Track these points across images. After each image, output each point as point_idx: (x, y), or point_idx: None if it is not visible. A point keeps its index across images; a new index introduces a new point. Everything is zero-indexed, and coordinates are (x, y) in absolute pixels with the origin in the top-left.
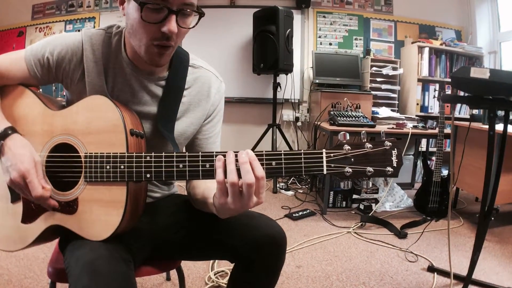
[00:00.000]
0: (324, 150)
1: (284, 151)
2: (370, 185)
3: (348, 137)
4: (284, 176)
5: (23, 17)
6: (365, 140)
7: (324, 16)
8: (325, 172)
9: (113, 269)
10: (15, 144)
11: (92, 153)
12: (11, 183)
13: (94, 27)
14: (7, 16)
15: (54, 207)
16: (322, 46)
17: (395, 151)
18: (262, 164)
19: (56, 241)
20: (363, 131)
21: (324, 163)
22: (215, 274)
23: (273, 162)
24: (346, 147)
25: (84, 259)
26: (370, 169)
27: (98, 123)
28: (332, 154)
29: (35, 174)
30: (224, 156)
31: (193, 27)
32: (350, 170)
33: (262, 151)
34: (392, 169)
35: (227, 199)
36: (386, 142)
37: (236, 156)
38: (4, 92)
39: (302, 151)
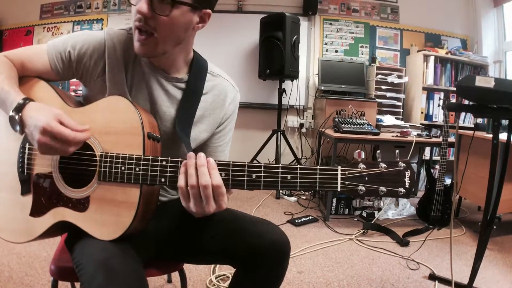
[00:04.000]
0: (339, 168)
1: (300, 165)
2: (381, 204)
3: (363, 156)
4: (298, 190)
5: (32, 17)
6: (379, 159)
7: (330, 23)
8: (339, 189)
9: (127, 267)
10: (30, 110)
11: (107, 153)
12: (40, 147)
13: (102, 28)
14: (15, 15)
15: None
16: (328, 53)
17: (408, 172)
18: (277, 178)
19: (59, 239)
20: (378, 151)
21: (339, 181)
22: (216, 278)
23: (289, 176)
24: (361, 165)
25: (98, 257)
26: (383, 188)
27: (117, 124)
28: (347, 172)
29: (58, 124)
30: None
31: (167, 15)
32: (364, 188)
33: (278, 165)
34: (404, 190)
35: (189, 203)
36: (400, 163)
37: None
38: (23, 84)
39: (318, 167)
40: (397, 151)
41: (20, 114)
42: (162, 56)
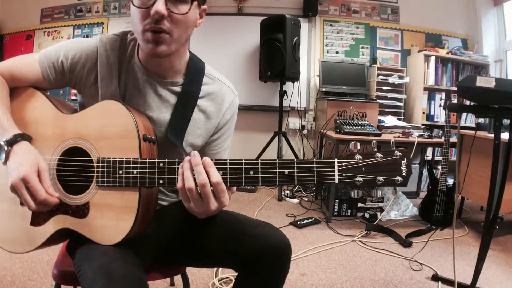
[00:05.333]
0: (336, 160)
1: (296, 160)
2: (380, 194)
3: (359, 147)
4: (297, 184)
5: (32, 21)
6: (375, 149)
7: (331, 25)
8: (336, 181)
9: (127, 272)
10: (21, 149)
11: (104, 158)
12: (12, 188)
13: (102, 32)
14: (16, 19)
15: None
16: (329, 55)
17: (405, 161)
18: (274, 173)
19: (62, 243)
20: (374, 141)
21: (336, 172)
22: (219, 281)
23: (286, 171)
24: (357, 156)
25: (98, 262)
26: (380, 178)
27: (111, 128)
28: (343, 164)
29: (37, 179)
30: None
31: (186, 13)
32: (361, 179)
33: (275, 160)
34: (401, 179)
35: (190, 204)
36: (396, 152)
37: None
38: (15, 94)
39: (314, 160)
40: (392, 140)
41: (9, 148)
42: (161, 59)
